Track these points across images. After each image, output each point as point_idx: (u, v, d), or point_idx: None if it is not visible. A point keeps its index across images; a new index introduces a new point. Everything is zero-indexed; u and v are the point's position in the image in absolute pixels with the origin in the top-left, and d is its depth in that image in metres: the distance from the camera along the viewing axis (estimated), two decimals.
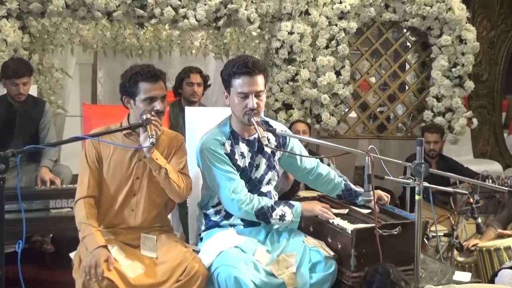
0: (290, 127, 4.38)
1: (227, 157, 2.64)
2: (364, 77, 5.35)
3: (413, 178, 2.47)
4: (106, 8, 4.38)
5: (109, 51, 5.10)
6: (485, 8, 6.28)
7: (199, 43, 5.24)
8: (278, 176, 2.85)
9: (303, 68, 4.85)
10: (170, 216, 2.96)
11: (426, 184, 2.45)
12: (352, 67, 5.17)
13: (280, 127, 2.82)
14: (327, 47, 4.92)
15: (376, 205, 2.52)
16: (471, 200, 3.20)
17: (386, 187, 5.08)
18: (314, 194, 3.24)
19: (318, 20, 4.86)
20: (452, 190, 3.06)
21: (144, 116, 2.51)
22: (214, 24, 4.69)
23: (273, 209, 2.64)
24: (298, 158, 2.84)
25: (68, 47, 4.94)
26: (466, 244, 3.30)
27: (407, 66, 5.56)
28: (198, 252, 2.61)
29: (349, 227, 2.59)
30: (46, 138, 4.16)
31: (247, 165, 2.71)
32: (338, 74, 4.97)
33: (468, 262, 3.37)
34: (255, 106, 2.57)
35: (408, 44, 5.52)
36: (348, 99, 5.15)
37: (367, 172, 2.34)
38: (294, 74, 4.81)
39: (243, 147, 2.71)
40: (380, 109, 5.64)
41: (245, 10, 4.61)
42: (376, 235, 2.46)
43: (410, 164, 2.26)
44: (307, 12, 4.86)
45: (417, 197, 2.25)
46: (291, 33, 4.76)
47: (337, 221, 2.70)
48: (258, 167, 2.74)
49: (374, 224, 2.49)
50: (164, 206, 2.74)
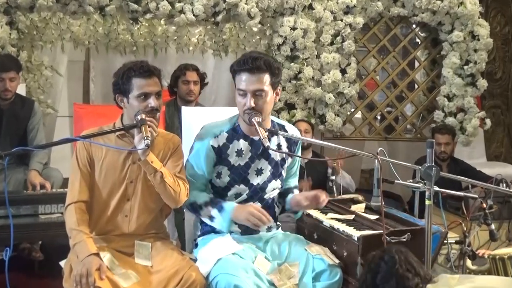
0: None
1: (211, 153, 2.67)
2: (371, 75, 5.35)
3: (423, 182, 2.47)
4: (98, 2, 4.38)
5: (101, 48, 5.10)
6: (499, 3, 6.28)
7: (197, 39, 5.24)
8: (281, 186, 2.84)
9: (307, 65, 4.86)
10: (166, 222, 2.95)
11: (437, 188, 2.45)
12: (359, 65, 5.17)
13: (295, 131, 2.84)
14: (332, 43, 4.92)
15: (383, 210, 2.52)
16: (484, 205, 3.19)
17: (395, 192, 5.08)
18: None
19: (323, 15, 4.86)
20: (464, 194, 3.06)
21: (139, 117, 2.51)
22: (213, 19, 4.69)
23: (201, 208, 2.70)
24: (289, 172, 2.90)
25: (58, 43, 4.93)
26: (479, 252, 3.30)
27: (417, 64, 5.57)
28: (195, 260, 2.61)
29: (355, 233, 2.59)
30: (35, 140, 4.16)
31: (242, 164, 2.71)
32: (343, 72, 4.97)
33: (481, 270, 3.36)
34: (252, 105, 2.58)
35: (418, 40, 5.52)
36: (354, 98, 5.15)
37: (376, 176, 2.34)
38: (297, 72, 4.81)
39: (243, 145, 2.71)
40: (388, 109, 5.64)
41: (245, 4, 4.61)
42: (383, 242, 2.45)
43: (420, 167, 2.26)
44: (310, 7, 4.87)
45: (427, 202, 2.25)
46: (294, 28, 4.76)
47: (342, 227, 2.70)
48: (260, 172, 2.73)
49: (382, 231, 2.49)
50: (159, 211, 2.74)
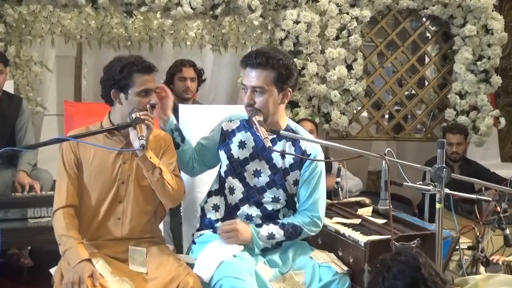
0: None
1: (217, 134, 2.77)
2: (379, 71, 5.35)
3: (433, 184, 2.47)
4: None
5: (93, 43, 5.10)
6: None
7: (195, 33, 5.24)
8: (287, 198, 2.77)
9: (311, 61, 4.85)
10: (161, 225, 2.95)
11: (448, 191, 2.45)
12: (365, 60, 5.17)
13: (307, 135, 2.82)
14: (337, 38, 4.92)
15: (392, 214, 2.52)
16: (498, 208, 3.19)
17: (404, 195, 5.08)
18: None
19: (327, 8, 4.86)
20: (476, 197, 3.06)
21: (133, 115, 2.51)
22: (211, 12, 4.69)
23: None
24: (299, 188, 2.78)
25: (48, 38, 4.93)
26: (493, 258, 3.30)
27: (427, 59, 5.56)
28: (192, 265, 2.60)
29: (362, 239, 2.59)
30: (24, 140, 4.17)
31: (241, 158, 2.71)
32: (349, 68, 4.97)
33: None
34: (249, 101, 2.60)
35: (428, 34, 5.52)
36: (361, 96, 5.14)
37: (384, 178, 2.34)
38: (300, 68, 4.81)
39: (248, 138, 2.72)
40: (396, 107, 5.64)
41: None
42: (392, 247, 2.45)
43: (430, 168, 2.26)
44: None
45: (437, 205, 2.25)
46: (297, 22, 4.76)
47: (348, 232, 2.70)
48: (258, 174, 2.71)
49: (390, 236, 2.49)
50: (154, 214, 2.74)
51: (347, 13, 4.90)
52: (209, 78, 5.05)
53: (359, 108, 5.32)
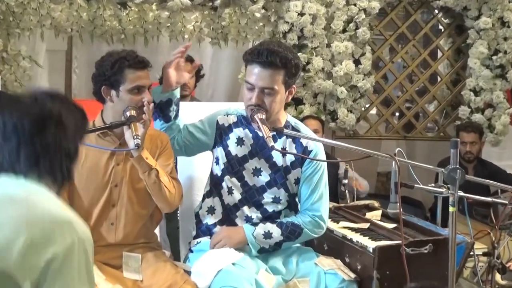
0: None
1: (211, 126, 2.77)
2: (388, 66, 5.35)
3: (446, 186, 2.47)
4: None
5: (85, 36, 5.09)
6: None
7: (193, 26, 5.23)
8: (289, 198, 2.79)
9: (316, 55, 4.85)
10: (157, 230, 2.96)
11: (462, 193, 2.45)
12: (374, 55, 5.17)
13: (309, 133, 2.83)
14: (344, 31, 4.92)
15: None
16: None
17: (415, 197, 5.08)
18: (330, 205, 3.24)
19: None
20: (492, 200, 3.05)
21: (128, 113, 2.52)
22: (210, 3, 4.70)
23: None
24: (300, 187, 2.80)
25: (37, 31, 4.93)
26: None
27: (439, 54, 5.56)
28: (189, 273, 2.61)
29: (370, 244, 2.59)
30: None
31: (239, 155, 2.72)
32: (357, 63, 4.97)
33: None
34: (258, 102, 2.59)
35: (441, 27, 5.51)
36: (369, 92, 5.14)
37: (394, 180, 2.34)
38: (305, 63, 4.80)
39: (246, 135, 2.72)
40: (407, 104, 5.64)
41: None
42: (402, 254, 2.45)
43: (443, 169, 2.25)
44: None
45: (451, 209, 2.24)
46: (301, 14, 4.76)
47: (356, 237, 2.70)
48: (258, 173, 2.73)
49: (400, 241, 2.49)
50: (149, 218, 2.74)
51: (355, 4, 4.89)
52: (207, 73, 5.05)
53: (367, 105, 5.33)
